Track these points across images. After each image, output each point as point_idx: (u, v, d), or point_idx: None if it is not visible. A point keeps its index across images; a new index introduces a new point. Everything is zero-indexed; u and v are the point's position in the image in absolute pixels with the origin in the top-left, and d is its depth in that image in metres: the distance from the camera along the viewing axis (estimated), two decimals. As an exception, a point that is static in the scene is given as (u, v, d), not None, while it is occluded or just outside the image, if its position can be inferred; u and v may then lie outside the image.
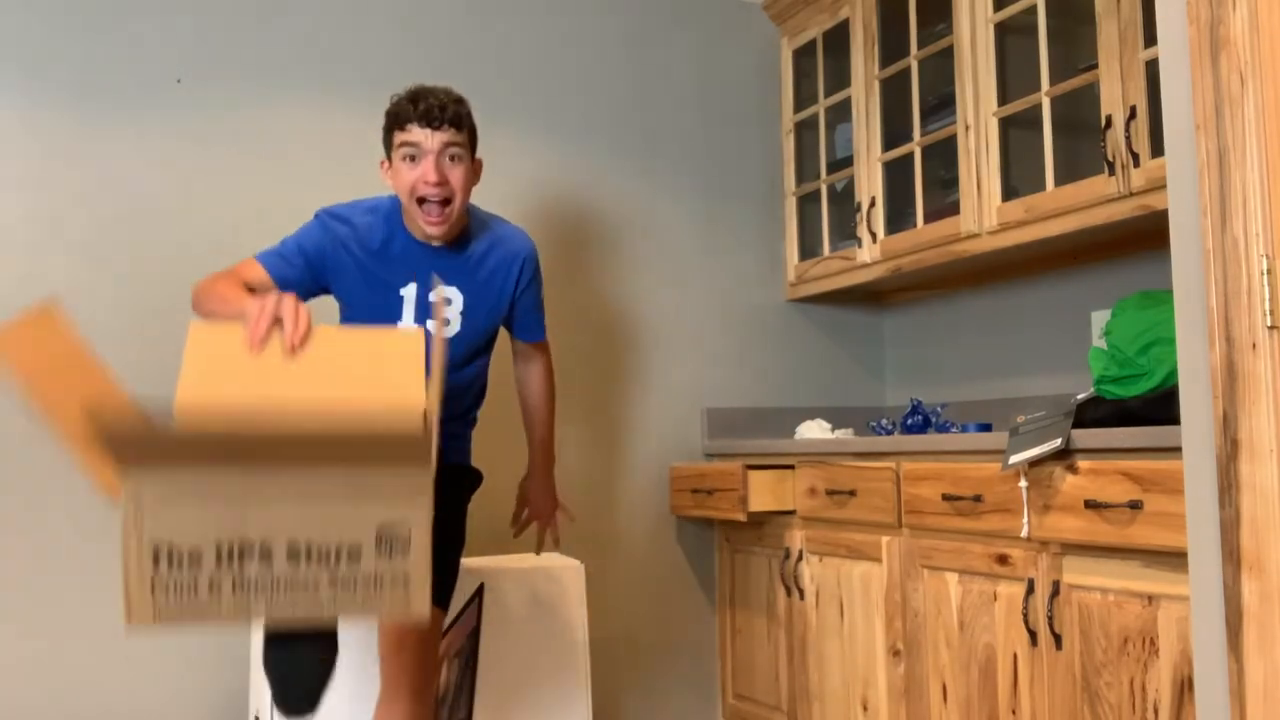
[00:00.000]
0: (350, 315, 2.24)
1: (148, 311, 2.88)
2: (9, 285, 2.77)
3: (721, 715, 3.41)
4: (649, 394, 3.41)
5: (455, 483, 2.39)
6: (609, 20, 3.44)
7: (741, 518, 2.99)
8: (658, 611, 3.38)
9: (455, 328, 2.25)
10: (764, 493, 3.00)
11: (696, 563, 3.44)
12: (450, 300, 2.24)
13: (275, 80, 3.04)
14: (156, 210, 2.91)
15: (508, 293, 2.31)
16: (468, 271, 2.25)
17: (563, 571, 2.85)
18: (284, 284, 2.12)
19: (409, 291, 2.21)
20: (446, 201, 2.14)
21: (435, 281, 2.13)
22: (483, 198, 3.24)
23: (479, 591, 2.75)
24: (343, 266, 2.20)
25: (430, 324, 2.20)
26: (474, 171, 2.22)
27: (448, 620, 2.69)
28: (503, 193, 3.27)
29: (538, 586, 2.82)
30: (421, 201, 2.13)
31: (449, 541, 2.37)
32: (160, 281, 2.89)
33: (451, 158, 2.14)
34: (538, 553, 2.67)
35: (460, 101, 2.18)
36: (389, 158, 2.18)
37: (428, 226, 2.15)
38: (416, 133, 2.12)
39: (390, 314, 2.21)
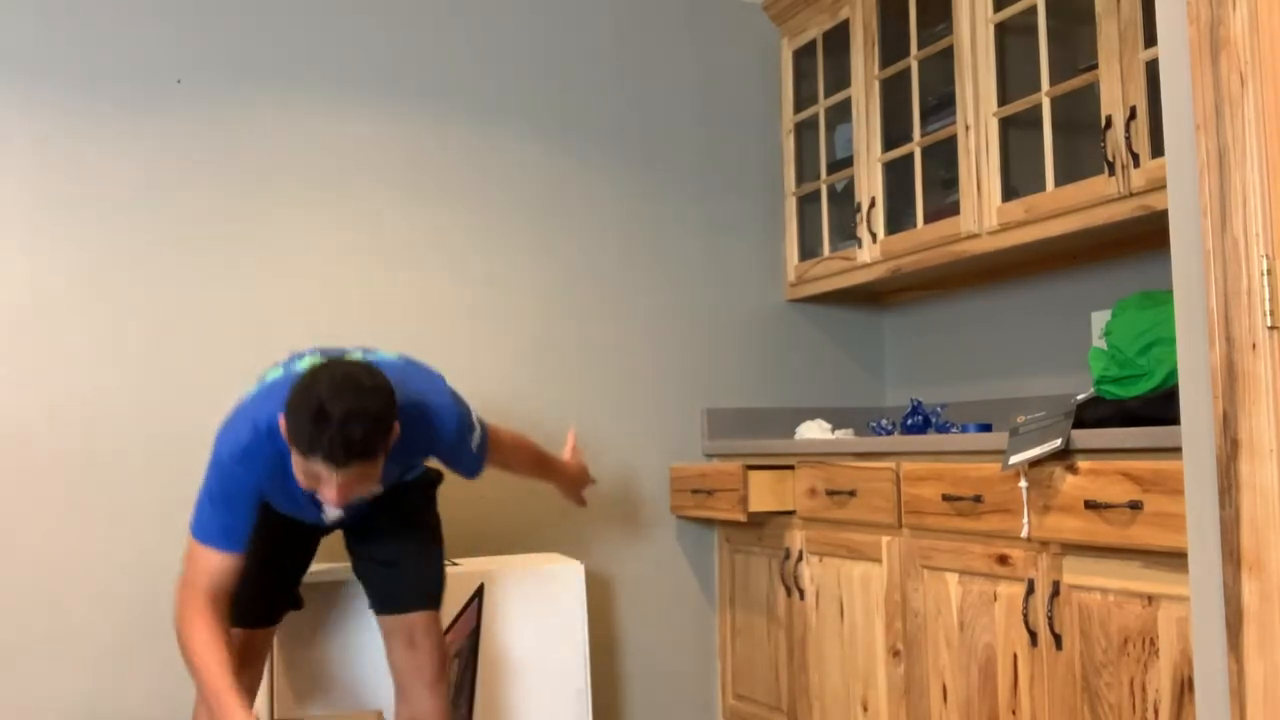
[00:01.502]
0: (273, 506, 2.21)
1: (148, 312, 2.88)
2: (9, 285, 2.77)
3: (721, 715, 3.40)
4: (649, 394, 3.41)
5: (419, 491, 2.43)
6: (609, 20, 3.44)
7: (741, 518, 2.99)
8: (658, 611, 3.38)
9: (377, 491, 2.24)
10: (764, 493, 3.00)
11: (696, 563, 3.44)
12: (372, 490, 2.19)
13: (275, 80, 3.04)
14: (156, 210, 2.91)
15: (427, 455, 2.25)
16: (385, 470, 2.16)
17: (563, 571, 2.85)
18: (244, 547, 2.07)
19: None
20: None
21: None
22: (483, 197, 3.25)
23: (479, 591, 2.75)
24: (260, 499, 2.11)
25: (331, 513, 2.22)
26: (389, 449, 1.99)
27: (448, 620, 2.70)
28: (502, 193, 3.28)
29: (538, 586, 2.82)
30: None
31: (432, 543, 2.42)
32: (160, 282, 2.90)
33: (362, 478, 1.94)
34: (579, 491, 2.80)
35: (371, 430, 1.88)
36: (290, 444, 1.92)
37: (329, 506, 2.02)
38: (320, 467, 1.89)
39: (314, 513, 2.21)
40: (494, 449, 2.39)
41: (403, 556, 2.34)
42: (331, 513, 2.22)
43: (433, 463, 2.52)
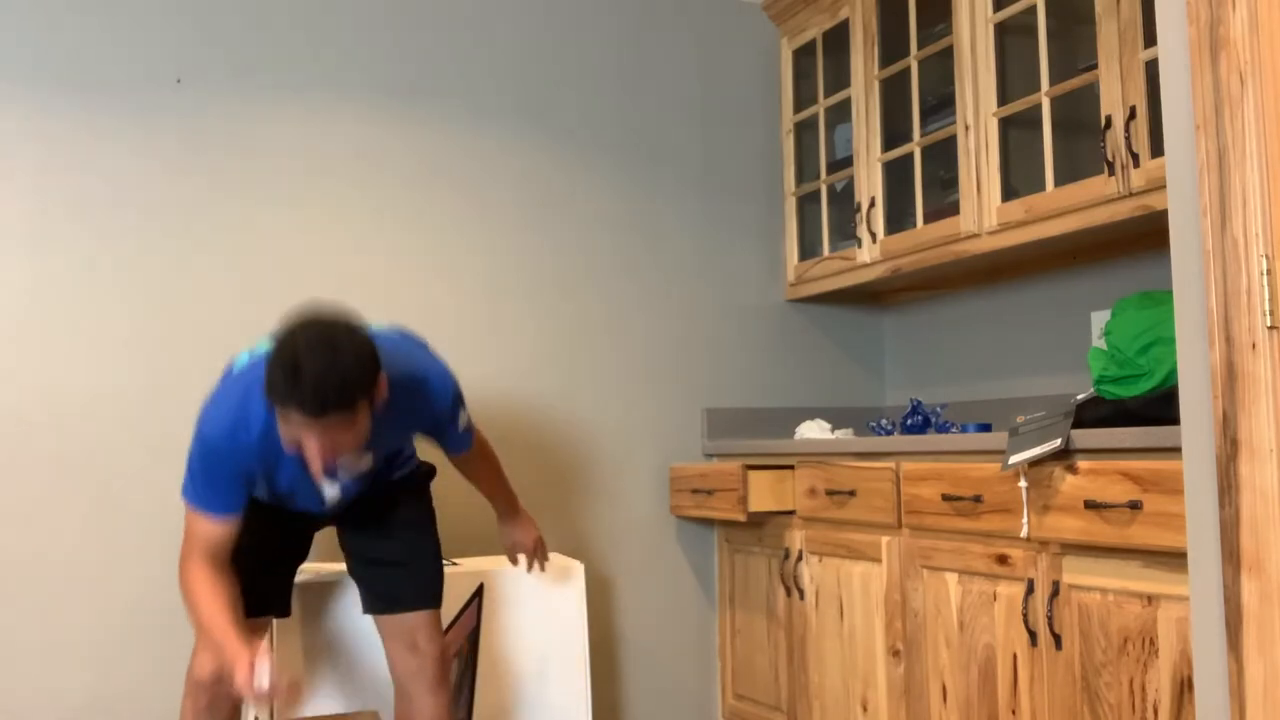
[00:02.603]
0: (277, 492, 2.18)
1: (148, 312, 2.88)
2: (9, 285, 2.77)
3: (721, 715, 3.40)
4: (649, 394, 3.41)
5: (413, 485, 2.42)
6: (608, 20, 3.44)
7: (741, 518, 2.99)
8: (658, 611, 3.38)
9: (368, 463, 2.21)
10: (764, 493, 3.00)
11: (696, 563, 3.44)
12: (360, 460, 2.18)
13: (276, 80, 3.04)
14: (156, 210, 2.91)
15: (422, 427, 2.24)
16: (374, 439, 2.14)
17: (563, 571, 2.85)
18: (242, 507, 2.06)
19: (324, 481, 2.18)
20: (334, 458, 1.95)
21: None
22: (483, 196, 3.25)
23: (479, 591, 2.75)
24: (253, 476, 2.09)
25: (345, 481, 2.20)
26: (374, 405, 1.95)
27: (448, 620, 2.70)
28: (501, 193, 3.28)
29: (538, 586, 2.82)
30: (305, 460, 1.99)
31: (429, 542, 2.40)
32: (160, 282, 2.90)
33: (341, 429, 1.88)
34: (530, 570, 2.67)
35: (346, 382, 1.83)
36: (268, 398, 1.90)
37: (316, 472, 2.00)
38: (297, 420, 1.85)
39: (310, 492, 2.18)
40: (477, 437, 2.42)
41: (400, 555, 2.34)
42: (330, 493, 2.18)
43: (426, 456, 2.52)
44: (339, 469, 2.17)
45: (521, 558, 2.69)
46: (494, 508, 2.62)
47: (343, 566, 2.74)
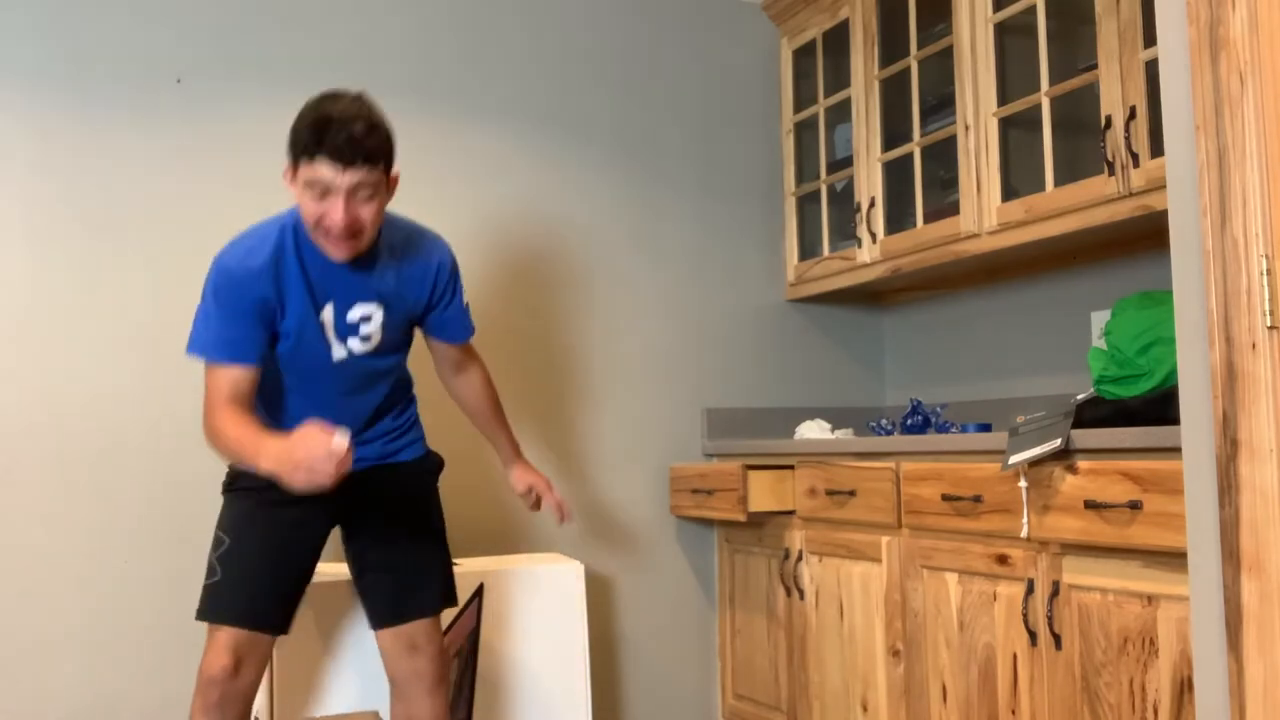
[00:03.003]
0: (280, 346, 2.15)
1: (148, 312, 2.88)
2: (9, 285, 2.77)
3: (721, 715, 3.41)
4: (649, 394, 3.41)
5: (418, 480, 2.38)
6: (608, 20, 3.44)
7: (741, 518, 2.99)
8: (658, 611, 3.38)
9: (377, 339, 2.20)
10: (764, 493, 3.00)
11: (696, 563, 3.44)
12: (369, 317, 2.16)
13: (275, 80, 3.04)
14: (156, 210, 2.91)
15: (423, 300, 2.25)
16: (381, 285, 2.16)
17: (563, 571, 2.85)
18: (259, 357, 2.06)
19: (327, 313, 2.13)
20: (355, 234, 2.00)
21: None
22: (483, 197, 3.25)
23: (479, 591, 2.75)
24: (269, 309, 2.08)
25: (353, 343, 2.17)
26: (389, 192, 2.05)
27: (447, 620, 2.70)
28: (501, 193, 3.28)
29: (538, 586, 2.82)
30: (328, 230, 1.99)
31: (436, 538, 2.37)
32: (161, 282, 2.90)
33: (364, 197, 1.96)
34: (563, 520, 2.58)
35: (374, 129, 1.94)
36: (292, 172, 1.99)
37: (335, 253, 2.02)
38: (325, 170, 1.91)
39: (317, 341, 2.14)
40: (473, 350, 2.43)
41: (409, 566, 2.29)
42: (337, 351, 2.14)
43: (435, 435, 2.51)
44: (349, 333, 2.13)
45: (545, 503, 2.57)
46: (497, 447, 2.56)
47: (341, 567, 2.73)
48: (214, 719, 2.12)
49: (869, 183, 3.21)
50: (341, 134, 1.88)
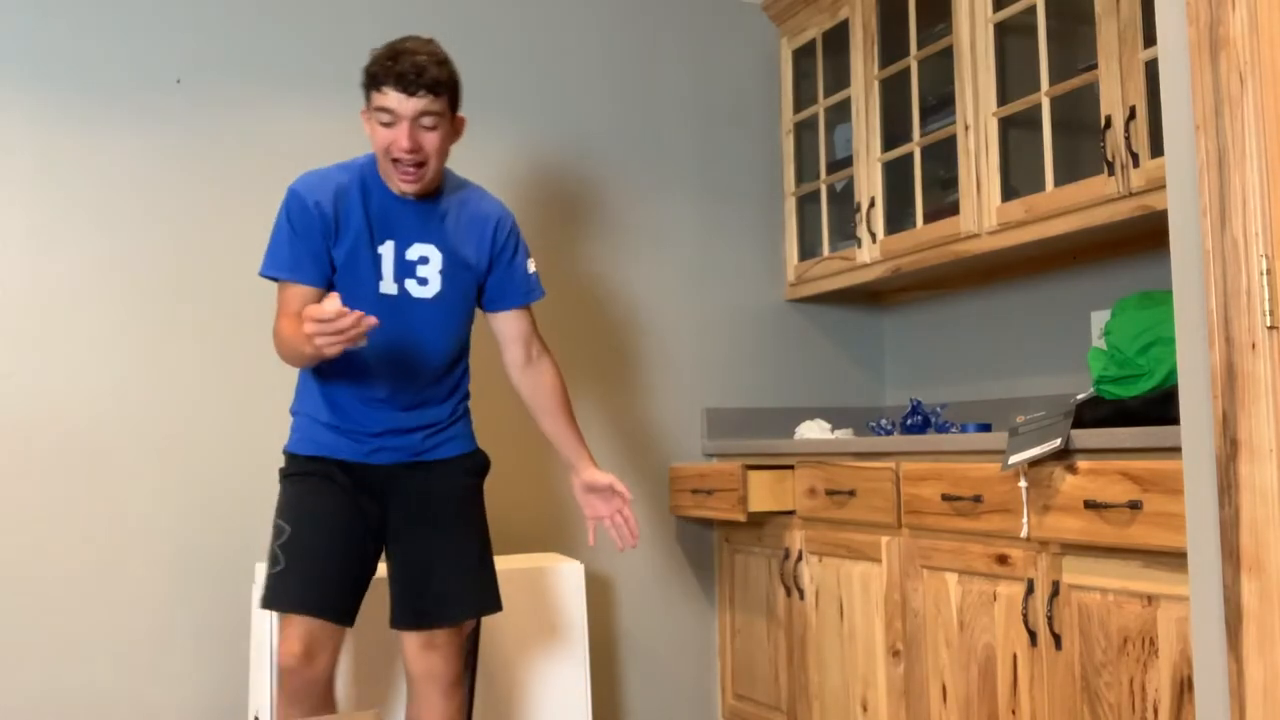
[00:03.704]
0: (337, 275, 2.20)
1: (148, 312, 2.88)
2: (9, 285, 2.77)
3: (721, 715, 3.41)
4: (649, 394, 3.41)
5: (461, 479, 2.32)
6: (608, 20, 3.44)
7: (741, 518, 2.99)
8: (658, 611, 3.38)
9: (436, 287, 2.23)
10: (764, 493, 3.00)
11: (696, 563, 3.44)
12: (427, 259, 2.23)
13: (275, 80, 3.04)
14: (157, 210, 2.91)
15: (484, 254, 2.29)
16: (442, 227, 2.25)
17: (563, 571, 2.85)
18: (319, 277, 2.18)
19: (386, 249, 2.20)
20: (420, 164, 2.15)
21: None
22: (482, 198, 3.24)
23: (479, 591, 2.75)
24: (329, 229, 2.19)
25: (410, 284, 2.22)
26: (454, 131, 2.21)
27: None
28: (500, 192, 3.28)
29: (538, 586, 2.82)
30: (395, 160, 2.14)
31: (475, 542, 2.30)
32: (161, 282, 2.90)
33: (427, 125, 2.12)
34: (621, 543, 2.37)
35: (442, 63, 2.12)
36: (366, 108, 2.16)
37: (401, 183, 2.17)
38: (392, 97, 2.09)
39: (369, 272, 2.19)
40: (546, 348, 2.42)
41: (441, 566, 2.24)
42: (385, 284, 2.18)
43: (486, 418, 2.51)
44: (406, 273, 2.20)
45: (609, 528, 2.38)
46: (563, 449, 2.39)
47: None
48: (294, 706, 2.12)
49: (869, 183, 3.21)
50: (408, 63, 2.06)
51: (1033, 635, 2.25)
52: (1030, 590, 2.26)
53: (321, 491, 2.20)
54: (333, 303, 1.86)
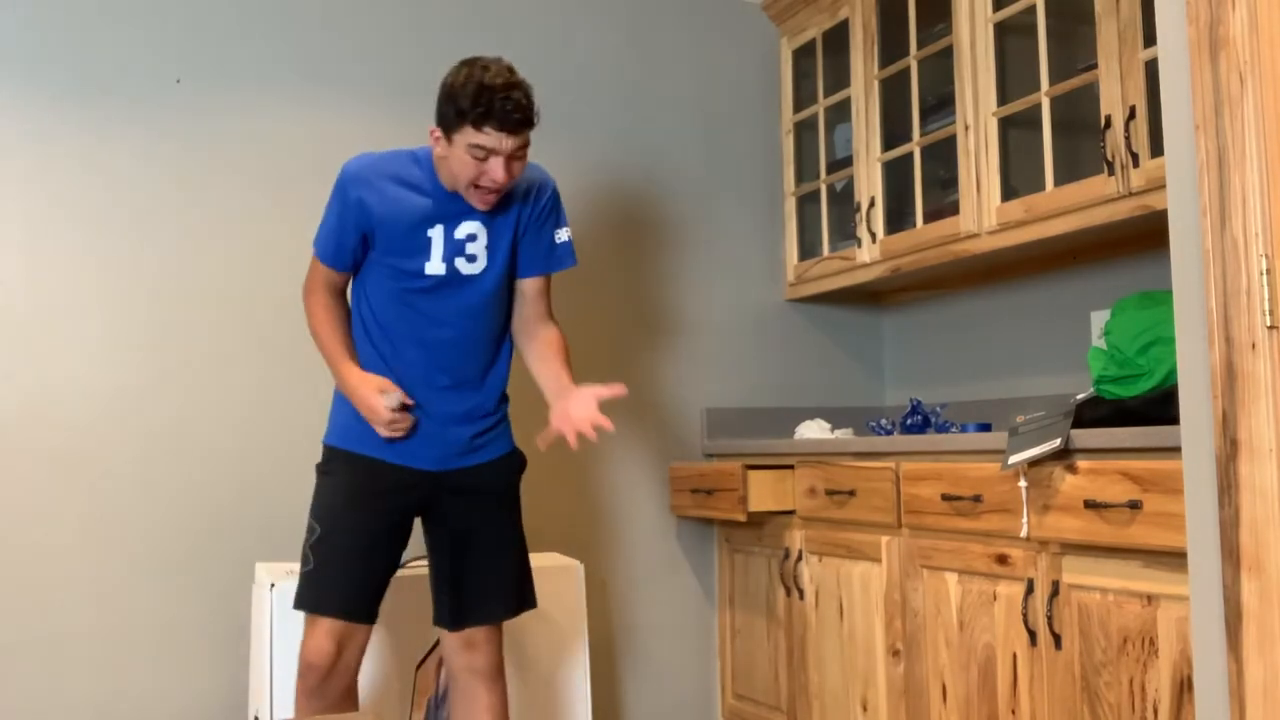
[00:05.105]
0: (383, 255, 2.23)
1: (147, 311, 2.88)
2: (9, 285, 2.77)
3: (721, 715, 3.41)
4: (649, 394, 3.41)
5: (501, 480, 2.35)
6: (608, 20, 3.44)
7: (741, 518, 2.99)
8: (658, 611, 3.38)
9: (482, 263, 2.26)
10: (763, 493, 3.00)
11: (696, 563, 3.44)
12: (475, 236, 2.24)
13: (276, 80, 3.04)
14: (157, 210, 2.91)
15: (524, 214, 2.30)
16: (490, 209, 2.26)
17: (563, 571, 2.85)
18: (349, 264, 2.27)
19: (436, 233, 2.22)
20: (505, 190, 2.18)
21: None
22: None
23: (479, 591, 2.75)
24: (374, 216, 2.21)
25: (460, 262, 2.24)
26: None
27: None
28: (502, 193, 3.27)
29: (538, 586, 2.82)
30: (480, 187, 2.15)
31: (513, 542, 2.35)
32: (161, 282, 2.90)
33: (519, 156, 2.14)
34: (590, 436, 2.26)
35: (529, 95, 2.11)
36: (446, 135, 2.12)
37: (481, 205, 2.19)
38: (492, 136, 2.07)
39: (419, 253, 2.22)
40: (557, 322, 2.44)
41: (481, 567, 2.29)
42: (431, 263, 2.22)
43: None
44: (456, 252, 2.23)
45: (567, 433, 2.25)
46: (554, 385, 2.34)
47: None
48: (316, 700, 2.17)
49: (869, 183, 3.21)
50: (508, 103, 2.05)
51: (1032, 635, 2.25)
52: (1030, 590, 2.26)
53: (355, 494, 2.23)
54: (394, 399, 2.19)
